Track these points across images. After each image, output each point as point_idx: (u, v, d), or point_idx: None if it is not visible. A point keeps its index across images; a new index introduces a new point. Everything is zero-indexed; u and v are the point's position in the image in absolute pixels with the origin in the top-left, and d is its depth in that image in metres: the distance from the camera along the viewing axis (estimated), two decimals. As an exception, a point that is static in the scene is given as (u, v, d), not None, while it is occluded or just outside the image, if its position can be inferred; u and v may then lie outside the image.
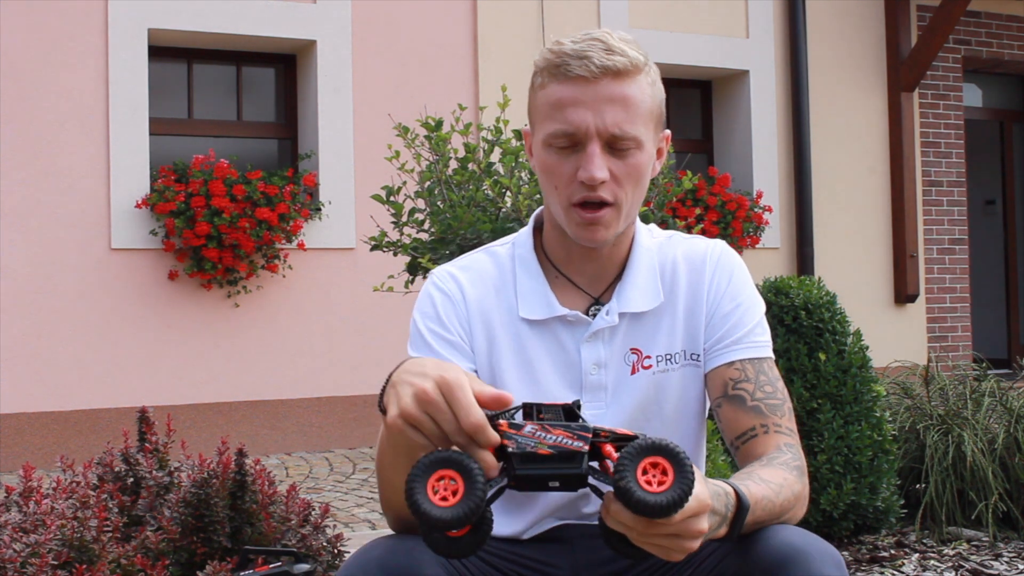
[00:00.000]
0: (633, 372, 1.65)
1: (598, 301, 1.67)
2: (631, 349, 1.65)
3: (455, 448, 1.29)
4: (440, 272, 1.71)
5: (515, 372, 1.64)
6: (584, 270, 1.68)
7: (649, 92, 1.58)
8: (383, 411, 1.38)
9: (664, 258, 1.70)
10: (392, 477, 1.46)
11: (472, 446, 1.27)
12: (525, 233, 1.73)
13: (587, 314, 1.65)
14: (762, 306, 1.69)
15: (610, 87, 1.54)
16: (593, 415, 1.63)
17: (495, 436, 1.27)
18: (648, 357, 1.65)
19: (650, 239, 1.72)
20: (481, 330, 1.65)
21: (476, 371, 1.65)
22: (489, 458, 1.27)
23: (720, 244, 1.72)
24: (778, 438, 1.57)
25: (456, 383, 1.28)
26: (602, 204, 1.57)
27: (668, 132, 1.68)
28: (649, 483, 1.23)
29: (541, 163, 1.61)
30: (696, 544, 1.29)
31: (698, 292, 1.67)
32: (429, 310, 1.67)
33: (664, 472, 1.24)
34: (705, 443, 1.74)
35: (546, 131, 1.58)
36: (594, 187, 1.55)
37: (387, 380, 1.38)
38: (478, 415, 1.27)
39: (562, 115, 1.55)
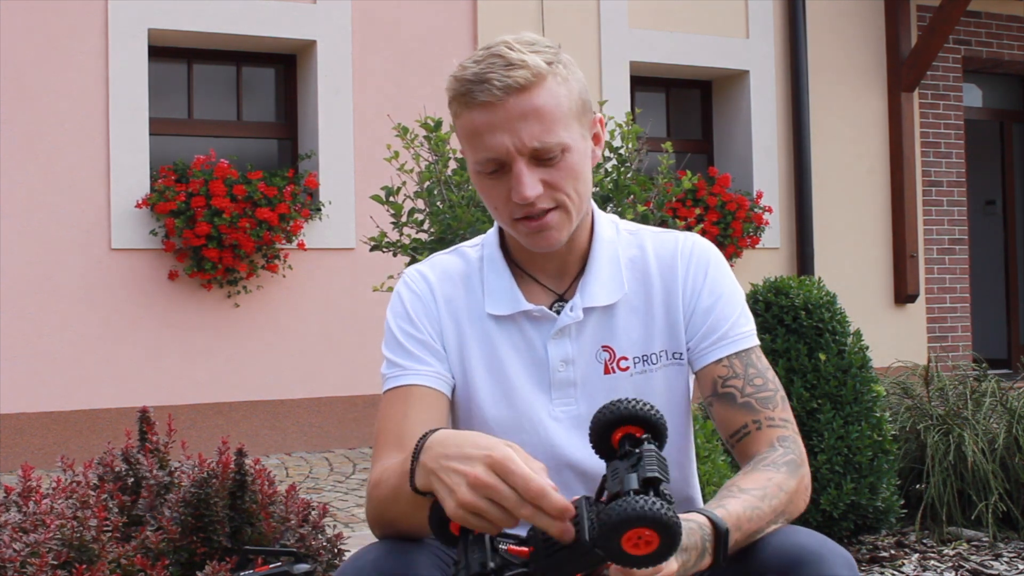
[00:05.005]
0: (607, 372, 1.64)
1: (562, 297, 1.67)
2: (602, 347, 1.64)
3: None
4: (411, 271, 1.72)
5: (484, 368, 1.65)
6: (546, 268, 1.68)
7: (563, 92, 1.54)
8: (417, 490, 1.34)
9: (630, 251, 1.68)
10: (395, 516, 1.45)
11: (539, 515, 1.21)
12: (492, 233, 1.73)
13: (551, 309, 1.65)
14: (741, 294, 1.68)
15: (518, 104, 1.50)
16: (564, 411, 1.63)
17: (560, 500, 1.21)
18: (624, 359, 1.64)
19: (612, 231, 1.70)
20: (451, 327, 1.66)
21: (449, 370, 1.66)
22: (559, 524, 1.21)
23: (691, 237, 1.70)
24: (771, 433, 1.57)
25: (506, 458, 1.23)
26: (545, 211, 1.56)
27: (599, 115, 1.65)
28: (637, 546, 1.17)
29: (478, 187, 1.61)
30: None
31: (672, 289, 1.65)
32: (400, 309, 1.68)
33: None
34: (692, 438, 1.74)
35: (472, 159, 1.58)
36: (530, 204, 1.54)
37: (415, 456, 1.35)
38: (538, 483, 1.21)
39: (480, 142, 1.54)
